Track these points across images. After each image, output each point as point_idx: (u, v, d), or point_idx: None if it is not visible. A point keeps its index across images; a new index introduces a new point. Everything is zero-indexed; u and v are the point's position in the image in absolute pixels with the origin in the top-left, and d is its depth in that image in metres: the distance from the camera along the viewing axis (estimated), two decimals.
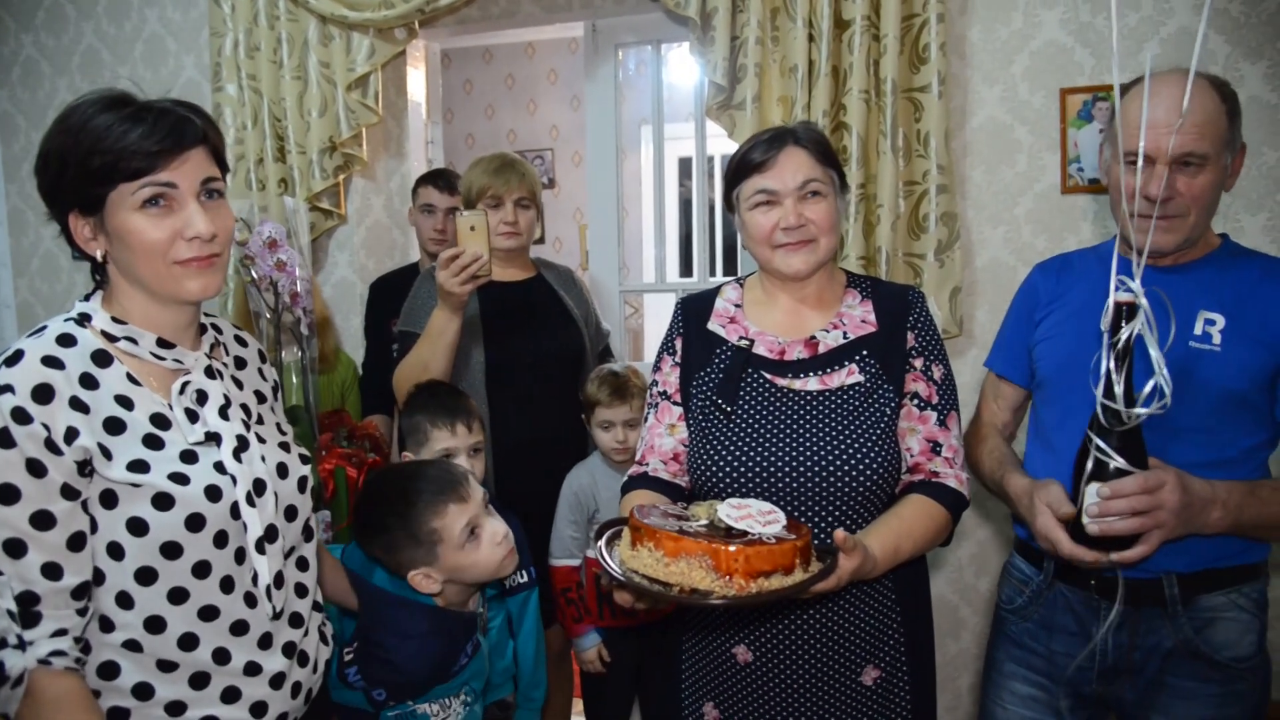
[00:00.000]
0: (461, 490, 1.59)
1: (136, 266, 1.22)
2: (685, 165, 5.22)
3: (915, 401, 1.54)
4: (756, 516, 1.28)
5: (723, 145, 3.69)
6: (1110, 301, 1.32)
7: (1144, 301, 1.29)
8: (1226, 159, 1.48)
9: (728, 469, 1.49)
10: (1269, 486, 1.47)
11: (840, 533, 1.29)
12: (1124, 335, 1.30)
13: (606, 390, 2.22)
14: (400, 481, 1.60)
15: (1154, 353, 1.29)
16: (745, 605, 1.20)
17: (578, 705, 2.70)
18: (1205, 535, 1.42)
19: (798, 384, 1.54)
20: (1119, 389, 1.31)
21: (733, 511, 1.29)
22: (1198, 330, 1.49)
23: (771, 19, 2.56)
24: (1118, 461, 1.33)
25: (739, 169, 1.58)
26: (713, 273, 4.60)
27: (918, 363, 1.56)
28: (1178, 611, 1.50)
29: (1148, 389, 1.29)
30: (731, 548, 1.20)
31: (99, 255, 1.24)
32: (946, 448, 1.53)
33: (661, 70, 3.12)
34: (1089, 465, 1.35)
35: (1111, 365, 1.31)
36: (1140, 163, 1.38)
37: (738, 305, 1.66)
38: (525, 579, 2.00)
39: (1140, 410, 1.30)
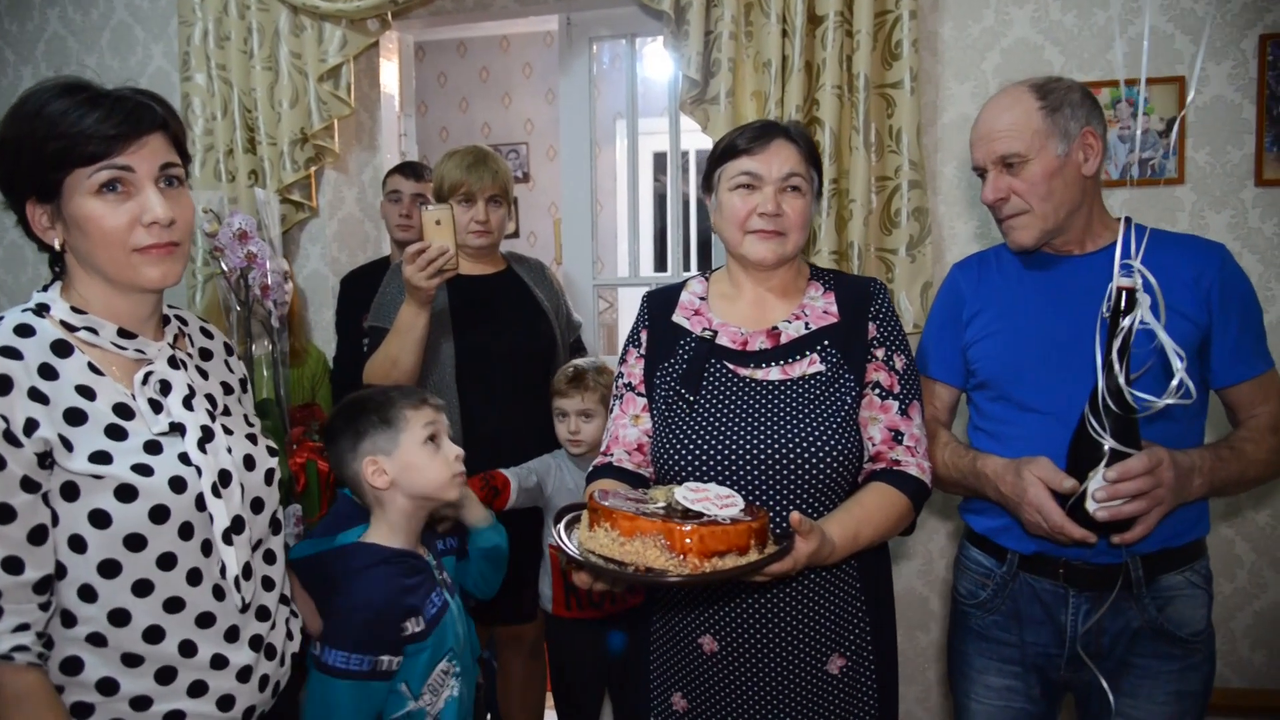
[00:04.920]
0: (436, 404, 1.71)
1: (95, 254, 1.20)
2: (660, 160, 5.23)
3: (877, 391, 1.56)
4: (714, 499, 1.29)
5: (697, 140, 3.70)
6: (1113, 286, 1.37)
7: (1152, 280, 1.34)
8: (1057, 148, 1.56)
9: (691, 457, 1.51)
10: (1225, 447, 1.56)
11: (796, 515, 1.31)
12: (1128, 322, 1.34)
13: (564, 379, 2.23)
14: (381, 389, 1.76)
15: (1163, 337, 1.34)
16: (699, 584, 1.22)
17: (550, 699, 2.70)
18: (1188, 504, 1.49)
19: (760, 374, 1.55)
20: (1120, 376, 1.35)
21: (690, 494, 1.30)
22: None
23: (745, 14, 2.56)
24: (1120, 446, 1.37)
25: (726, 150, 1.60)
26: (686, 267, 4.60)
27: (879, 353, 1.58)
28: (1142, 593, 1.56)
29: (1174, 383, 1.33)
30: (686, 527, 1.21)
31: (56, 244, 1.22)
32: (908, 436, 1.55)
33: (636, 64, 3.12)
34: (1105, 451, 1.38)
35: (1115, 352, 1.35)
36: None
37: (702, 298, 1.67)
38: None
39: (1166, 400, 1.34)
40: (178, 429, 1.25)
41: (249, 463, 1.34)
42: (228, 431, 1.32)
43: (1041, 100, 1.57)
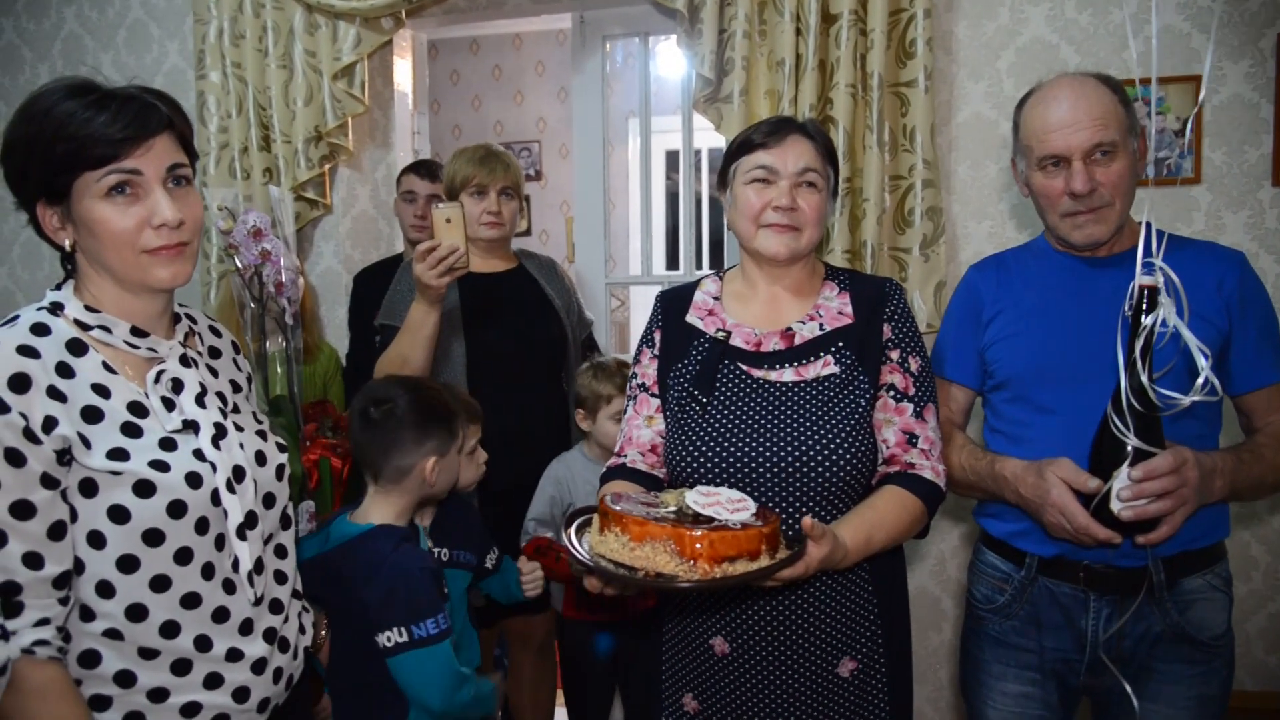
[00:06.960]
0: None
1: (104, 256, 1.21)
2: (672, 158, 5.21)
3: (891, 393, 1.54)
4: (725, 504, 1.29)
5: (710, 139, 3.68)
6: (1135, 284, 1.35)
7: (1175, 278, 1.32)
8: (1133, 144, 1.54)
9: (703, 460, 1.50)
10: (1246, 450, 1.54)
11: (808, 520, 1.29)
12: (1151, 321, 1.32)
13: (617, 383, 2.21)
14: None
15: (1186, 333, 1.32)
16: (709, 589, 1.21)
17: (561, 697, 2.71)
18: (1209, 506, 1.47)
19: (773, 375, 1.54)
20: (1143, 374, 1.33)
21: (701, 498, 1.29)
22: None
23: (759, 12, 2.56)
24: (1144, 445, 1.36)
25: (742, 145, 1.60)
26: (698, 265, 4.60)
27: (894, 354, 1.56)
28: (1164, 596, 1.53)
29: (1200, 381, 1.31)
30: (696, 532, 1.20)
31: (67, 245, 1.23)
32: (923, 439, 1.53)
33: (649, 63, 3.11)
34: (1129, 450, 1.37)
35: (1138, 351, 1.33)
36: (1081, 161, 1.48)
37: (716, 298, 1.66)
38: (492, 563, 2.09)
39: (1192, 398, 1.32)
40: (191, 426, 1.26)
41: (260, 459, 1.35)
42: (239, 428, 1.33)
43: (1116, 93, 1.53)
